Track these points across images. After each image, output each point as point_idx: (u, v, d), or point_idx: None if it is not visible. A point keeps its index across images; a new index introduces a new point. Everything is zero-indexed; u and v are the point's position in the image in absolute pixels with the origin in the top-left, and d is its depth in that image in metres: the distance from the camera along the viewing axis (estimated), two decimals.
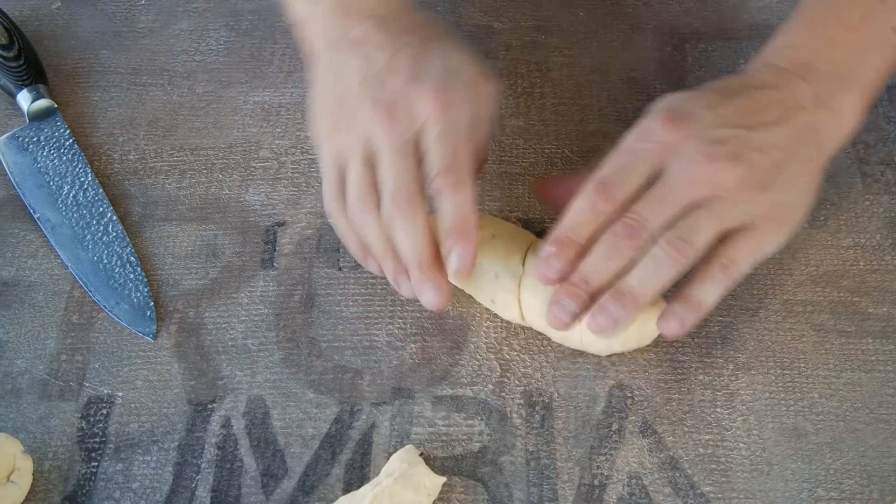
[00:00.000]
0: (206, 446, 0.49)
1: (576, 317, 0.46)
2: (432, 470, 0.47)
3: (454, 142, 0.47)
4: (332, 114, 0.50)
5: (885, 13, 0.49)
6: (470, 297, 0.53)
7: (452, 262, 0.46)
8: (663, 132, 0.45)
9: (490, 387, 0.50)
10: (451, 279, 0.47)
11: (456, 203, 0.46)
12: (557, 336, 0.50)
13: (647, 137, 0.46)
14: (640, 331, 0.48)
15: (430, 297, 0.47)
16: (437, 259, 0.47)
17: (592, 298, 0.45)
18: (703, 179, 0.45)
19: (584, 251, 0.46)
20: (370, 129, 0.47)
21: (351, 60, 0.49)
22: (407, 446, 0.48)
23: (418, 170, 0.47)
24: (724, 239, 0.46)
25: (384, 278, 0.54)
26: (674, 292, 0.46)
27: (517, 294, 0.49)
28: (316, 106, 0.51)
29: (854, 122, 0.49)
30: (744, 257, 0.46)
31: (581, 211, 0.46)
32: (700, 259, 0.45)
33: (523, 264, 0.49)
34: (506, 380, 0.51)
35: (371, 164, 0.48)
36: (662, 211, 0.45)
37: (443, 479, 0.46)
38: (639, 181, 0.45)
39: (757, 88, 0.48)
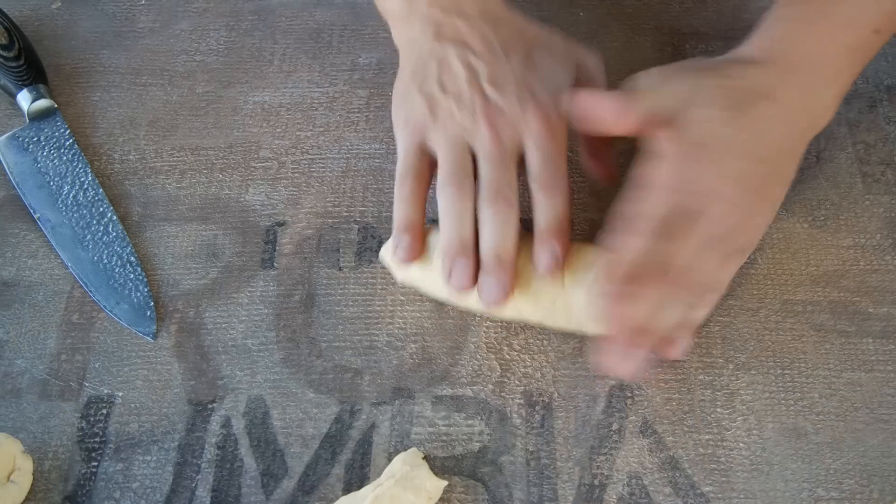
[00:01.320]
0: (206, 446, 0.49)
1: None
2: (433, 470, 0.47)
3: (557, 158, 0.49)
4: (428, 102, 0.51)
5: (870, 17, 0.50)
6: None
7: (543, 259, 0.48)
8: (695, 181, 0.46)
9: (490, 387, 0.50)
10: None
11: (555, 205, 0.48)
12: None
13: (684, 187, 0.46)
14: None
15: (493, 291, 0.48)
16: (514, 261, 0.48)
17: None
18: (738, 227, 0.47)
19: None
20: (473, 132, 0.49)
21: (454, 59, 0.51)
22: (411, 449, 0.48)
23: (516, 176, 0.49)
24: None
25: (384, 278, 0.54)
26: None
27: (566, 296, 0.49)
28: (410, 90, 0.52)
29: (829, 117, 0.50)
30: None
31: (639, 252, 0.45)
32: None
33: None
34: (506, 380, 0.51)
35: (469, 154, 0.50)
36: (706, 261, 0.46)
37: (444, 483, 0.46)
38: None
39: (745, 89, 0.48)
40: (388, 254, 0.52)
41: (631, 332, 0.45)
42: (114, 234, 0.57)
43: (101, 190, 0.59)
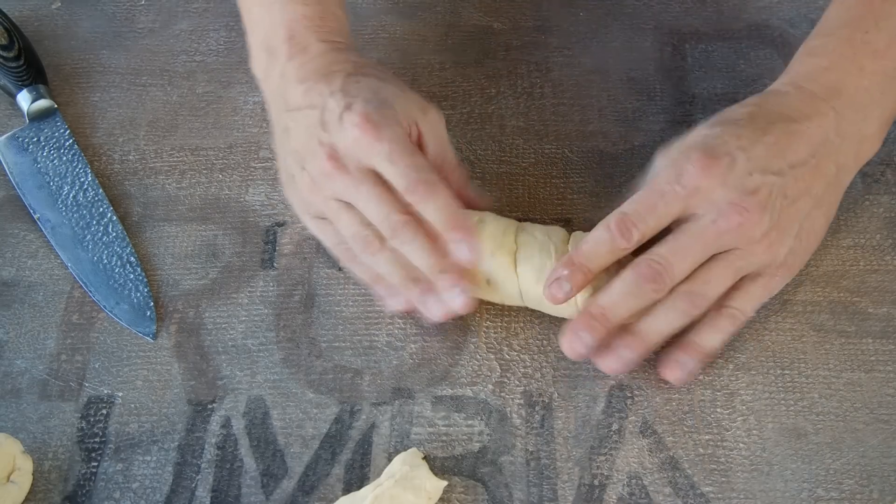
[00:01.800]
0: (206, 446, 0.49)
1: (590, 349, 0.47)
2: (433, 470, 0.47)
3: (405, 155, 0.47)
4: (294, 180, 0.52)
5: None
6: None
7: (460, 253, 0.47)
8: (696, 176, 0.45)
9: (490, 387, 0.50)
10: None
11: (438, 205, 0.47)
12: (552, 309, 0.50)
13: (679, 180, 0.45)
14: None
15: (459, 300, 0.47)
16: (452, 266, 0.48)
17: (610, 333, 0.47)
18: (732, 231, 0.45)
19: (593, 277, 0.47)
20: (328, 182, 0.49)
21: (294, 123, 0.51)
22: (411, 449, 0.48)
23: (393, 195, 0.48)
24: (735, 284, 0.47)
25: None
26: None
27: (514, 268, 0.49)
28: (282, 176, 0.54)
29: (875, 150, 0.50)
30: (752, 304, 0.48)
31: (599, 242, 0.46)
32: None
33: (515, 241, 0.50)
34: (506, 380, 0.51)
35: (350, 207, 0.49)
36: (687, 259, 0.45)
37: (444, 483, 0.46)
38: (662, 223, 0.46)
39: (791, 121, 0.47)
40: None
41: (590, 316, 0.46)
42: (114, 234, 0.57)
43: (101, 190, 0.59)
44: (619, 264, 0.47)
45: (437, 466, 0.48)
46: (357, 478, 0.48)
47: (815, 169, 0.47)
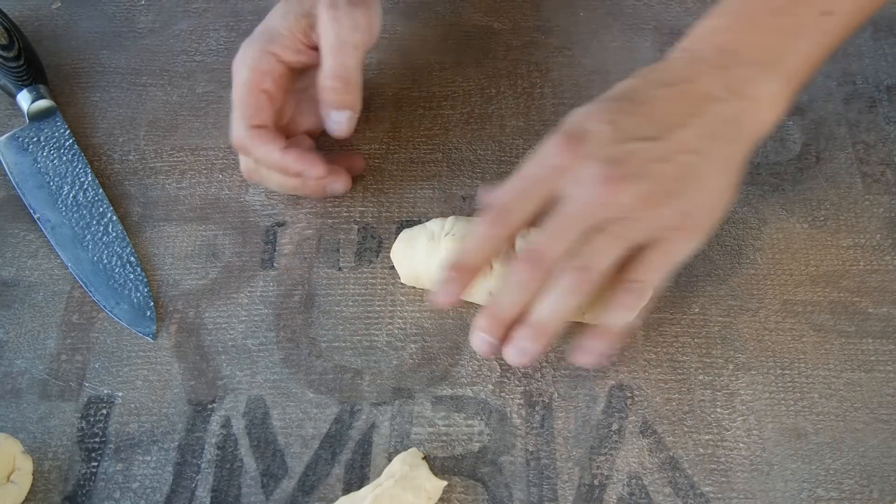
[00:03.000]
0: (206, 446, 0.49)
1: (494, 346, 0.47)
2: (433, 470, 0.47)
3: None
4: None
5: None
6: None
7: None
8: (558, 155, 0.45)
9: (490, 387, 0.50)
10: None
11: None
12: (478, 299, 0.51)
13: (543, 161, 0.45)
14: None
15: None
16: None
17: (507, 327, 0.46)
18: (599, 203, 0.44)
19: (478, 273, 0.47)
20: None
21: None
22: (411, 449, 0.48)
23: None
24: (633, 255, 0.45)
25: (384, 278, 0.54)
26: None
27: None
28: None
29: (778, 111, 0.48)
30: (653, 274, 0.46)
31: (477, 237, 0.47)
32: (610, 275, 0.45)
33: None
34: (506, 380, 0.51)
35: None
36: (561, 239, 0.45)
37: (444, 484, 0.46)
38: (535, 207, 0.45)
39: (667, 85, 0.47)
40: (397, 255, 0.52)
41: (486, 315, 0.46)
42: (114, 234, 0.57)
43: (100, 190, 0.59)
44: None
45: (437, 466, 0.48)
46: (357, 478, 0.48)
47: (698, 127, 0.45)
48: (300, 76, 0.56)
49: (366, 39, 0.54)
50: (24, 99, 0.62)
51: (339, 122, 0.54)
